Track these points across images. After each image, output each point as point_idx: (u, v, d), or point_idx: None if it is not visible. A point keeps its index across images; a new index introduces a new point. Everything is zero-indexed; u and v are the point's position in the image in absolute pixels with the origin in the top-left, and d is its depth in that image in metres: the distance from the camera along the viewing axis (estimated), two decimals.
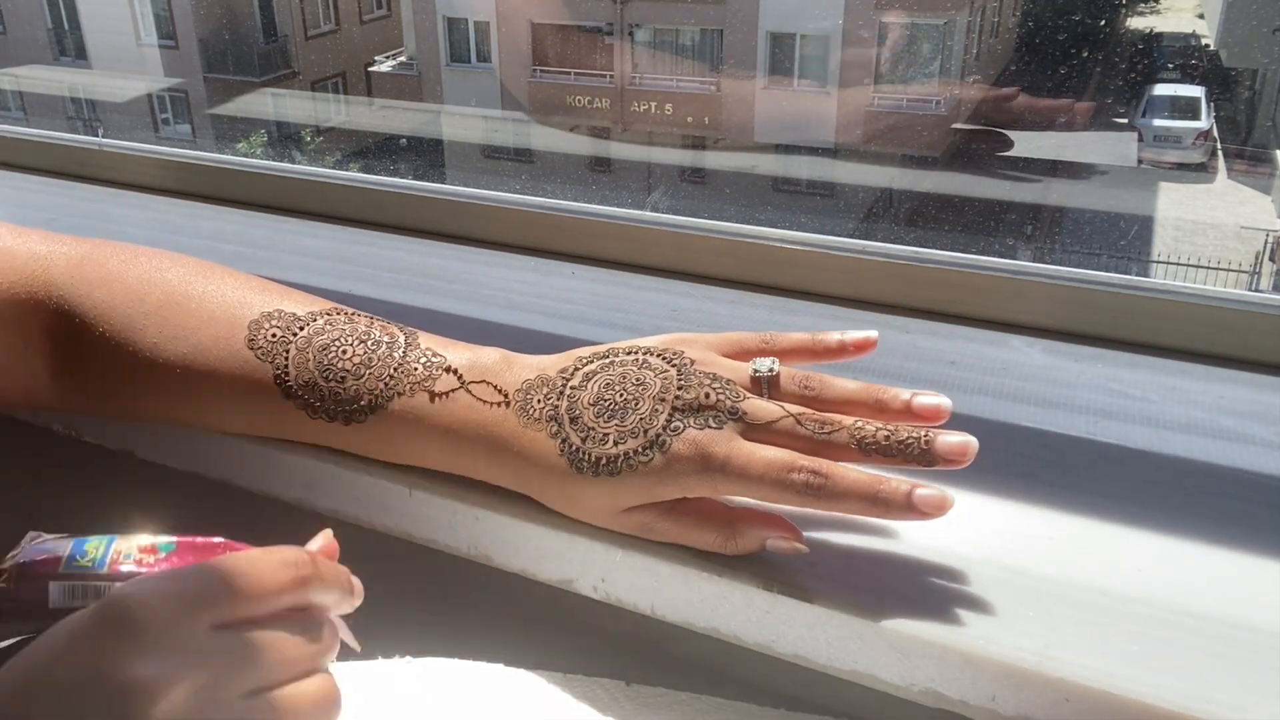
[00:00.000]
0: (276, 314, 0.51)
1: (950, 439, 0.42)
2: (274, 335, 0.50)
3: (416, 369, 0.48)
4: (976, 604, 0.42)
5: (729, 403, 0.44)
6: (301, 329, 0.50)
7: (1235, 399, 0.57)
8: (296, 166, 0.88)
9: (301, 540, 0.42)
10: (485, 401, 0.47)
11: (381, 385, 0.48)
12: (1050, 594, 0.42)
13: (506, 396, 0.47)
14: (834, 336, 0.48)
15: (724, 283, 0.72)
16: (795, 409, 0.44)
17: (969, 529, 0.46)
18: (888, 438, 0.42)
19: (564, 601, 0.49)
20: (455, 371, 0.48)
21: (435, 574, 0.57)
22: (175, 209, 0.89)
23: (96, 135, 0.96)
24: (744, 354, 0.48)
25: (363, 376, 0.48)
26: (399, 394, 0.48)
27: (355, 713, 0.46)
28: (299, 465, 0.53)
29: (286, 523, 0.61)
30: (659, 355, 0.46)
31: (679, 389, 0.44)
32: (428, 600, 0.59)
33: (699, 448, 0.43)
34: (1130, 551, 0.45)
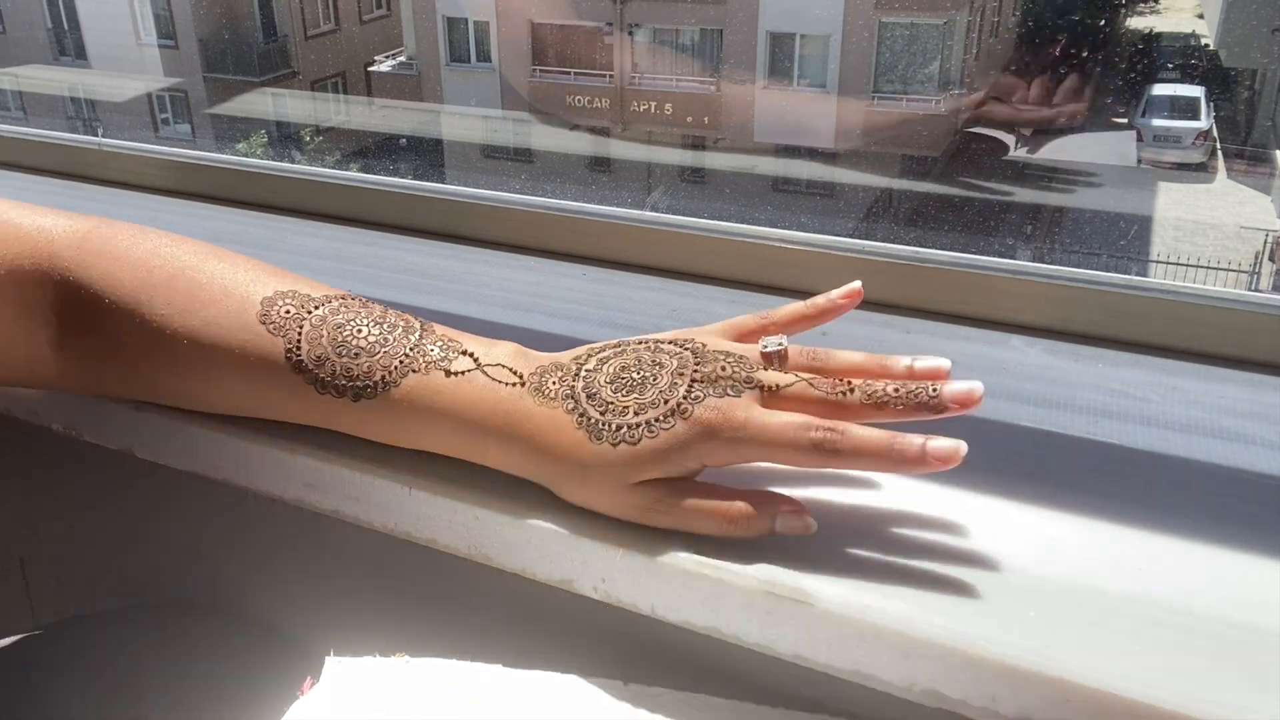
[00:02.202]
0: (290, 294, 0.51)
1: (956, 386, 0.44)
2: (287, 312, 0.50)
3: (433, 350, 0.49)
4: (977, 604, 0.42)
5: (744, 373, 0.45)
6: (316, 308, 0.50)
7: (1235, 399, 0.57)
8: (296, 166, 0.88)
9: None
10: (501, 382, 0.48)
11: (396, 363, 0.48)
12: (1050, 594, 0.42)
13: (522, 378, 0.48)
14: (823, 296, 0.51)
15: (724, 282, 0.72)
16: (807, 375, 0.46)
17: (969, 529, 0.46)
18: (896, 390, 0.44)
19: (564, 601, 0.49)
20: (472, 355, 0.49)
21: (435, 574, 0.57)
22: (175, 208, 0.89)
23: (96, 135, 0.96)
24: (746, 335, 0.50)
25: (377, 354, 0.49)
26: (414, 370, 0.48)
27: (354, 712, 0.46)
28: (299, 464, 0.53)
29: (286, 523, 0.61)
30: (671, 342, 0.48)
31: (696, 364, 0.46)
32: (427, 600, 0.59)
33: (721, 413, 0.44)
34: (1130, 551, 0.45)
